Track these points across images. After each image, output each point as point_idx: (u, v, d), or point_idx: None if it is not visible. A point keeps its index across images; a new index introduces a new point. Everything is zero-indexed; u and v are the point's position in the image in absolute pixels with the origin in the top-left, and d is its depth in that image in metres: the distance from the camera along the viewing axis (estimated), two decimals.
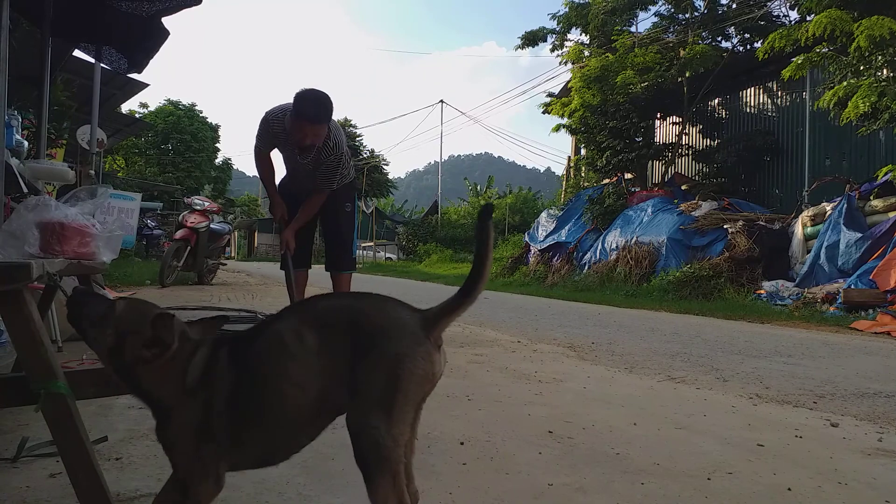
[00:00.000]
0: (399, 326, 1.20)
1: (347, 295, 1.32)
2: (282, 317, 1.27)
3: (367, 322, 1.20)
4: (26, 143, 5.54)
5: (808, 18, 10.13)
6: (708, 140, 15.39)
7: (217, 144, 40.36)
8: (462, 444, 2.13)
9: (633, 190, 14.34)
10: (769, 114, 13.96)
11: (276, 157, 4.54)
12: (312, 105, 4.03)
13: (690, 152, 15.32)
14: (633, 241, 11.94)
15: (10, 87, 3.59)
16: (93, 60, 6.15)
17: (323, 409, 1.23)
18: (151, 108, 37.05)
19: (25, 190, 4.10)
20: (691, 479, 1.84)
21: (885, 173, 8.70)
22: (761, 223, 10.51)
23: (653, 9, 15.44)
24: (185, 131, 36.81)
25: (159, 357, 1.20)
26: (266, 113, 4.32)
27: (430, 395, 1.26)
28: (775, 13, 13.76)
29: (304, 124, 4.05)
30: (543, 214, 16.93)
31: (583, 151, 17.56)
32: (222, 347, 1.25)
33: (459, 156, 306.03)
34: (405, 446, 1.22)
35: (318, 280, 5.07)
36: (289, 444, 1.28)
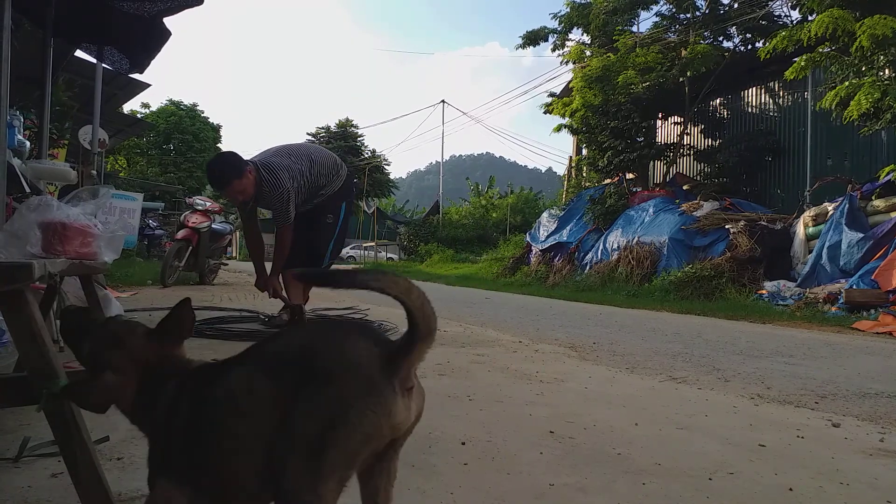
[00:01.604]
0: (351, 370, 1.02)
1: (307, 331, 1.18)
2: (240, 361, 1.13)
3: (316, 364, 1.03)
4: (28, 144, 5.54)
5: (809, 18, 10.13)
6: (709, 140, 15.39)
7: (219, 145, 40.40)
8: (463, 443, 2.13)
9: (634, 190, 14.34)
10: (771, 114, 13.96)
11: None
12: (211, 175, 4.28)
13: (692, 152, 15.33)
14: (635, 241, 11.94)
15: (11, 87, 3.59)
16: (94, 61, 6.16)
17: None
18: (153, 109, 37.15)
19: (27, 190, 4.10)
20: (693, 479, 1.84)
21: (888, 173, 8.70)
22: (763, 223, 10.51)
23: (654, 8, 15.47)
24: (187, 131, 36.85)
25: (128, 385, 1.15)
26: None
27: (408, 436, 1.12)
28: (777, 13, 13.76)
29: (216, 190, 4.30)
30: (545, 214, 16.94)
31: (584, 151, 17.58)
32: (189, 381, 1.15)
33: (461, 156, 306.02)
34: (378, 494, 1.15)
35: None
36: (245, 497, 1.11)
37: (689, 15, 14.53)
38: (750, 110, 14.53)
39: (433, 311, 1.09)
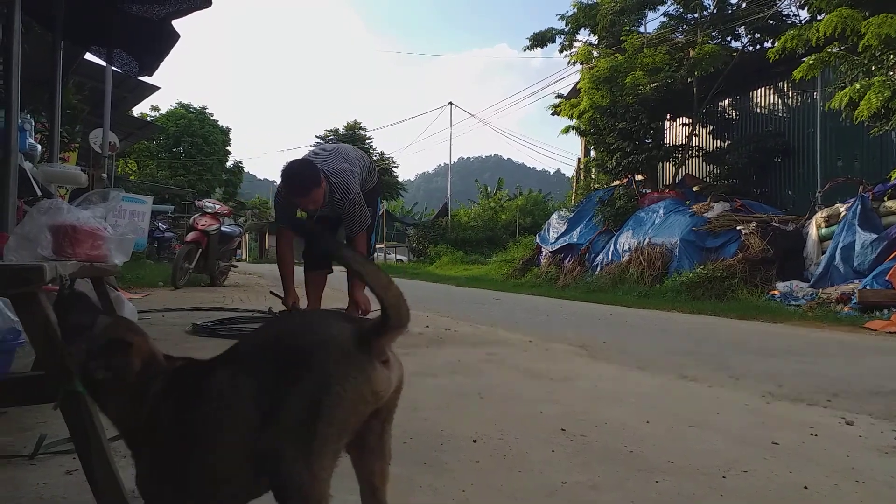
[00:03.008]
0: (326, 344, 1.05)
1: (281, 321, 1.19)
2: (223, 360, 1.14)
3: (294, 348, 1.06)
4: (39, 147, 5.58)
5: (818, 18, 10.08)
6: (718, 141, 15.32)
7: (228, 147, 40.58)
8: (475, 441, 2.13)
9: (644, 191, 14.28)
10: (780, 114, 13.89)
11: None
12: (292, 183, 4.12)
13: (701, 153, 15.26)
14: (646, 242, 11.90)
15: (22, 90, 3.62)
16: (104, 64, 6.20)
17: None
18: (163, 112, 37.35)
19: (39, 193, 4.13)
20: (706, 478, 1.83)
21: None
22: (775, 224, 10.46)
23: (661, 9, 15.42)
24: (197, 134, 37.01)
25: (115, 381, 1.14)
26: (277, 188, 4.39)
27: (393, 408, 1.16)
28: (785, 12, 13.70)
29: (294, 198, 4.15)
30: (554, 216, 16.90)
31: (592, 153, 17.53)
32: (174, 380, 1.15)
33: (469, 158, 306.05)
34: (374, 473, 1.15)
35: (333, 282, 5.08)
36: (235, 496, 1.13)
37: (696, 15, 14.48)
38: (759, 111, 14.46)
39: (408, 308, 1.10)
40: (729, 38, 14.44)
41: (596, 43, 16.56)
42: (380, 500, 1.18)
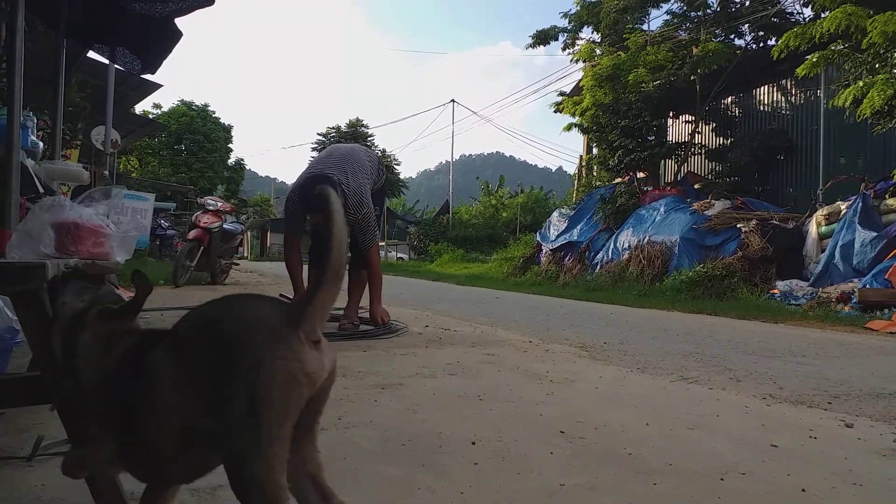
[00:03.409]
0: (254, 326, 1.03)
1: (211, 305, 1.15)
2: (161, 336, 1.14)
3: (224, 330, 1.04)
4: (41, 144, 5.58)
5: (822, 15, 10.06)
6: (721, 139, 15.32)
7: (230, 145, 40.60)
8: (473, 443, 2.13)
9: (645, 189, 14.27)
10: (783, 112, 13.87)
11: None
12: (309, 201, 4.19)
13: (703, 151, 15.25)
14: (646, 240, 11.89)
15: (25, 88, 3.62)
16: (107, 62, 6.21)
17: (196, 439, 1.07)
18: (165, 109, 37.37)
19: (41, 190, 4.13)
20: (704, 480, 1.83)
21: None
22: (775, 222, 10.44)
23: (665, 6, 15.41)
24: (199, 132, 37.04)
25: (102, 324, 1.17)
26: (288, 194, 4.45)
27: (324, 397, 1.11)
28: (789, 10, 13.68)
29: (309, 215, 4.17)
30: (555, 214, 16.89)
31: (595, 150, 17.53)
32: (131, 349, 1.16)
33: (471, 155, 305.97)
34: (308, 461, 1.12)
35: None
36: (173, 468, 1.14)
37: (700, 13, 14.46)
38: (762, 108, 14.45)
39: (343, 263, 1.11)
40: (732, 36, 14.42)
41: (599, 41, 16.54)
42: (322, 485, 1.15)
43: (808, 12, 12.55)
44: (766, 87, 14.19)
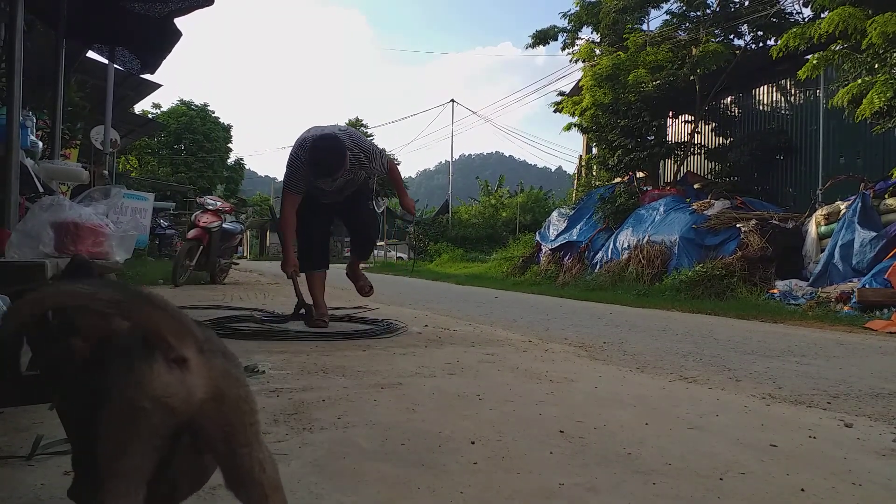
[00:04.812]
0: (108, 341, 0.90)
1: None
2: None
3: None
4: (41, 144, 5.58)
5: (822, 15, 10.06)
6: (720, 138, 15.32)
7: (229, 144, 40.65)
8: (473, 443, 2.13)
9: (644, 189, 14.28)
10: (782, 112, 13.87)
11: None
12: (318, 165, 4.26)
13: (703, 151, 15.26)
14: (646, 240, 11.90)
15: (24, 88, 3.62)
16: (106, 61, 6.21)
17: None
18: (164, 109, 37.44)
19: (41, 190, 4.13)
20: (703, 480, 1.83)
21: None
22: (774, 222, 10.45)
23: (664, 7, 15.41)
24: (198, 131, 37.08)
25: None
26: (293, 149, 4.46)
27: (233, 422, 0.90)
28: (788, 10, 13.69)
29: (315, 179, 4.24)
30: (555, 214, 16.90)
31: (594, 150, 17.52)
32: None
33: (470, 155, 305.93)
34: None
35: (334, 279, 5.11)
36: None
37: (699, 13, 14.46)
38: (761, 108, 14.45)
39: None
40: (732, 36, 14.42)
41: (598, 41, 16.55)
42: None
43: (807, 12, 12.57)
44: (766, 86, 14.20)
